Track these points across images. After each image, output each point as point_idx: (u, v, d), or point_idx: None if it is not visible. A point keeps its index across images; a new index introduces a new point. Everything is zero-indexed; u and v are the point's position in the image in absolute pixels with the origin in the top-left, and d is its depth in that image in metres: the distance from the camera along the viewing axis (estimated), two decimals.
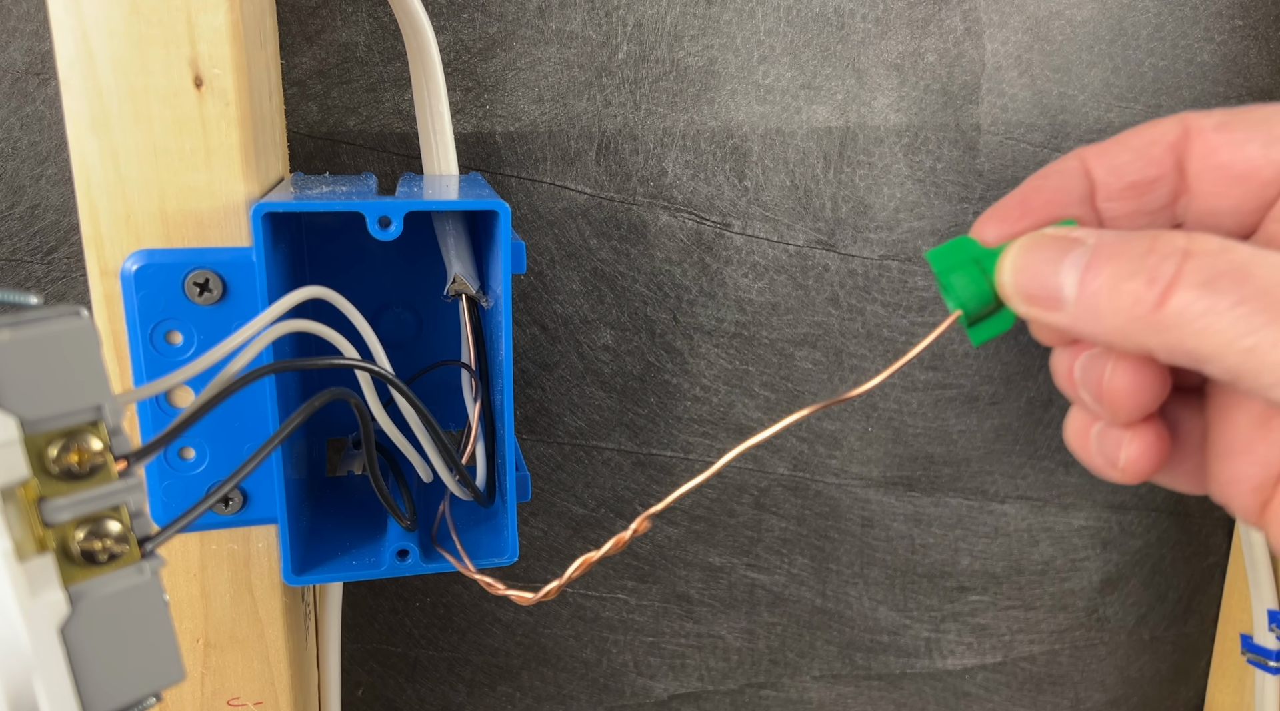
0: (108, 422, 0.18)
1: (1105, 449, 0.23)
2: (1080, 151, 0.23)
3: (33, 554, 0.18)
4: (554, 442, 0.49)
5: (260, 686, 0.35)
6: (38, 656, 0.17)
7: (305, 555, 0.33)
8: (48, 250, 0.41)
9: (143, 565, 0.19)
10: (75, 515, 0.18)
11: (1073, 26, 0.49)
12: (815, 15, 0.46)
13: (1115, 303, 0.19)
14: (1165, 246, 0.18)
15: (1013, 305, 0.22)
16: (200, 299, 0.30)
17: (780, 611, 0.55)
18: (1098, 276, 0.19)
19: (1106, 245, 0.19)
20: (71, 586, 0.18)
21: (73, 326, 0.18)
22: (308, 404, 0.24)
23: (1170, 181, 0.22)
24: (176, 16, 0.28)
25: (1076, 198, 0.22)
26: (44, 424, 0.18)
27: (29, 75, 0.39)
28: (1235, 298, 0.17)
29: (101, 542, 0.18)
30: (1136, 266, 0.18)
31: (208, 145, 0.29)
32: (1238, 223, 0.22)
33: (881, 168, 0.48)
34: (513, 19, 0.43)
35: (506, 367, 0.32)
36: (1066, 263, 0.20)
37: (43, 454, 0.18)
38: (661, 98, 0.45)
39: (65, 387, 0.18)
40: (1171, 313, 0.18)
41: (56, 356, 0.18)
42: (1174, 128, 0.22)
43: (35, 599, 0.17)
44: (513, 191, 0.45)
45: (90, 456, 0.18)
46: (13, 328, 0.17)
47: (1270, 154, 0.21)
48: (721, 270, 0.48)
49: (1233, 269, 0.17)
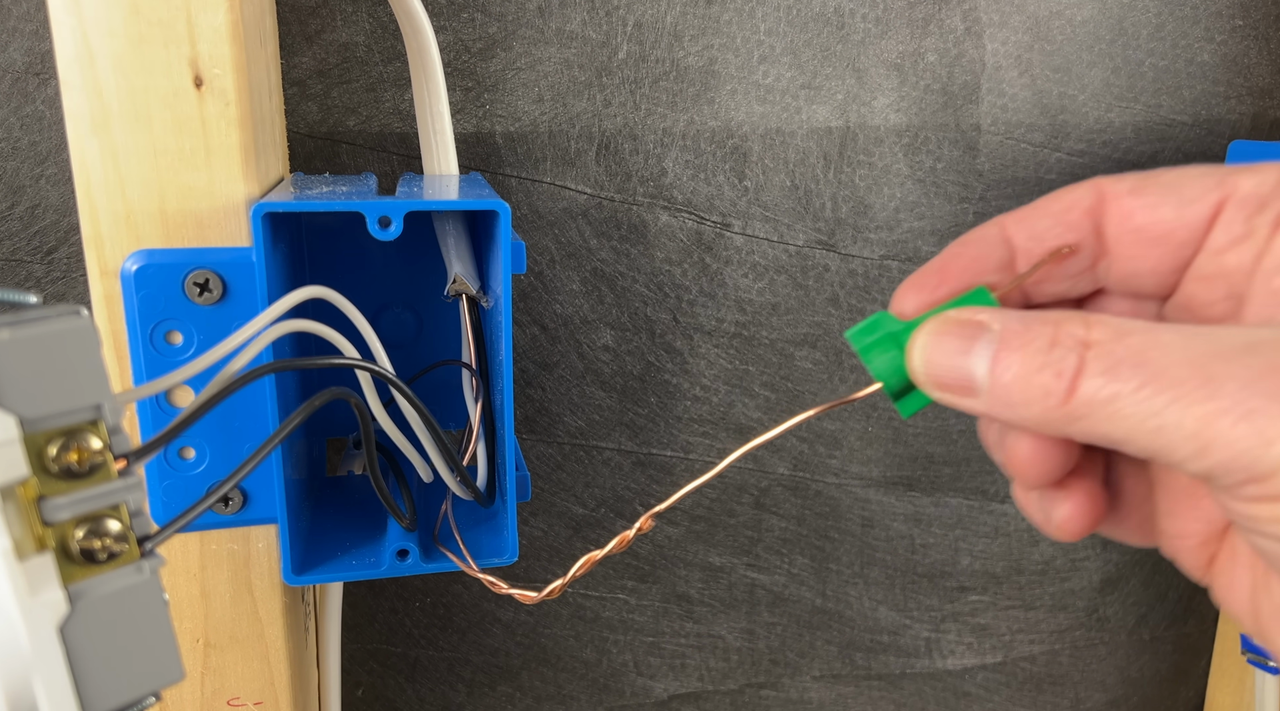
0: (107, 422, 0.18)
1: (1043, 506, 0.24)
2: (1000, 219, 0.23)
3: (32, 553, 0.18)
4: (554, 442, 0.49)
5: (260, 686, 0.35)
6: (37, 655, 0.17)
7: (305, 555, 0.33)
8: (48, 250, 0.41)
9: (142, 564, 0.19)
10: (75, 514, 0.18)
11: (1073, 26, 0.49)
12: (815, 15, 0.46)
13: (1027, 395, 0.19)
14: (1067, 337, 0.19)
15: (926, 391, 0.22)
16: (200, 299, 0.30)
17: (780, 611, 0.55)
18: (1007, 369, 0.19)
19: (1012, 333, 0.20)
20: (71, 585, 0.18)
21: (72, 325, 0.18)
22: (307, 404, 0.24)
23: (1090, 245, 0.22)
24: (176, 16, 0.28)
25: (995, 265, 0.23)
26: (44, 423, 0.18)
27: (29, 75, 0.39)
28: (1137, 382, 0.18)
29: (101, 541, 0.18)
30: (1042, 359, 0.19)
31: (208, 145, 0.29)
32: (1157, 283, 0.22)
33: (882, 168, 0.48)
34: (513, 19, 0.43)
35: (506, 367, 0.32)
36: (975, 351, 0.20)
37: (42, 453, 0.18)
38: (661, 97, 0.45)
39: (65, 386, 0.18)
40: (1080, 402, 0.18)
41: (56, 355, 0.18)
42: (1089, 193, 0.22)
43: (34, 598, 0.17)
44: (513, 191, 0.45)
45: (90, 455, 0.18)
46: (12, 327, 0.17)
47: (1183, 216, 0.21)
48: (721, 270, 0.48)
49: (1132, 353, 0.18)
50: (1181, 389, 0.17)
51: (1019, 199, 0.50)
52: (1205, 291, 0.21)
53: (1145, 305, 0.23)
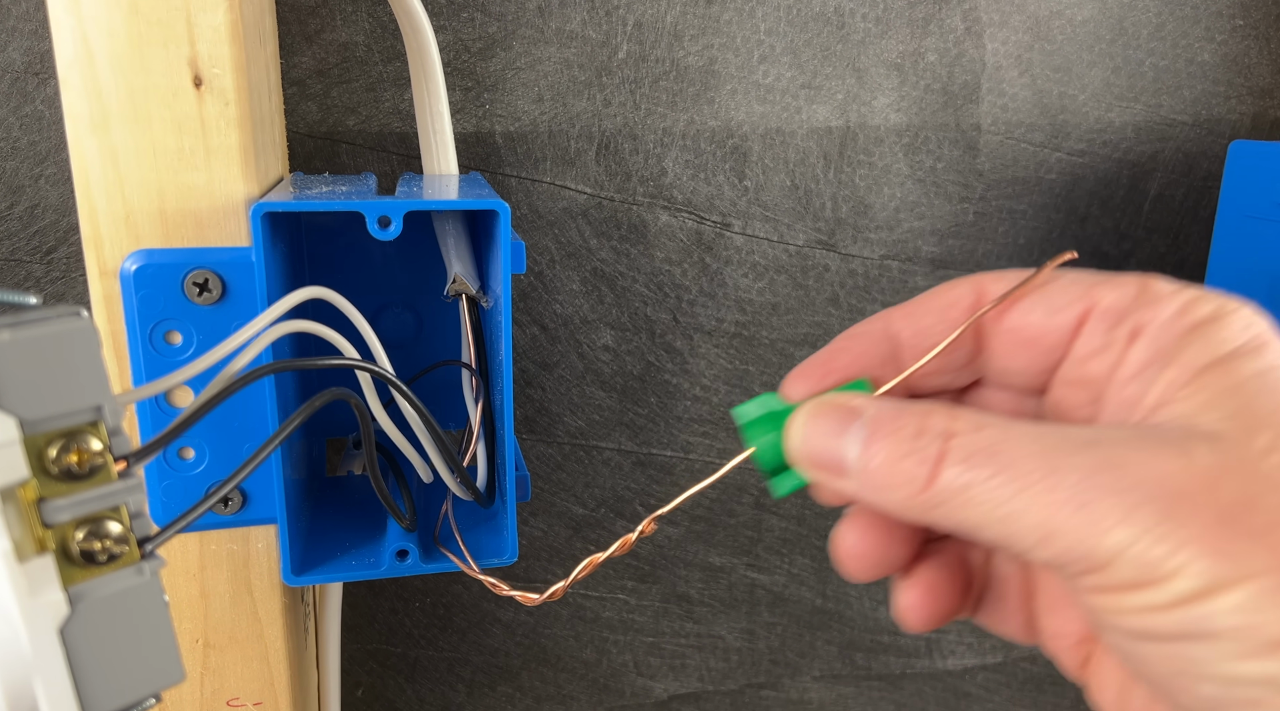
0: (107, 423, 0.18)
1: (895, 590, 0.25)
2: (886, 313, 0.24)
3: (32, 554, 0.17)
4: (554, 442, 0.49)
5: (260, 687, 0.35)
6: (37, 657, 0.17)
7: (305, 555, 0.33)
8: (47, 250, 0.41)
9: (142, 566, 0.19)
10: (75, 516, 0.18)
11: (1073, 26, 0.49)
12: (815, 15, 0.46)
13: (893, 480, 0.20)
14: (932, 426, 0.20)
15: (800, 469, 0.23)
16: (199, 299, 0.30)
17: (780, 611, 0.55)
18: (876, 454, 0.20)
19: (883, 420, 0.21)
20: (71, 587, 0.18)
21: (73, 327, 0.18)
22: (308, 404, 0.24)
23: (969, 342, 0.24)
24: (176, 16, 0.28)
25: (879, 359, 0.24)
26: (44, 424, 0.18)
27: (28, 75, 0.39)
28: (989, 471, 0.19)
29: (101, 543, 0.18)
30: (908, 446, 0.20)
31: (207, 145, 0.29)
32: (1029, 381, 0.23)
33: (882, 167, 0.48)
34: (512, 18, 0.43)
35: (506, 368, 0.32)
36: (848, 435, 0.21)
37: (42, 454, 0.18)
38: (661, 97, 0.45)
39: (65, 388, 0.18)
40: (940, 489, 0.19)
41: (56, 357, 0.18)
42: (969, 292, 0.23)
43: (35, 599, 0.17)
44: (513, 191, 0.45)
45: (90, 457, 0.18)
46: (13, 328, 0.17)
47: (1052, 322, 0.22)
48: (722, 270, 0.48)
49: (988, 444, 0.19)
50: (1028, 479, 0.18)
51: (1019, 198, 0.50)
52: (1071, 395, 0.22)
53: (1023, 399, 0.24)
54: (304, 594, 0.39)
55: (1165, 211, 0.53)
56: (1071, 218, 0.51)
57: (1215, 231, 0.48)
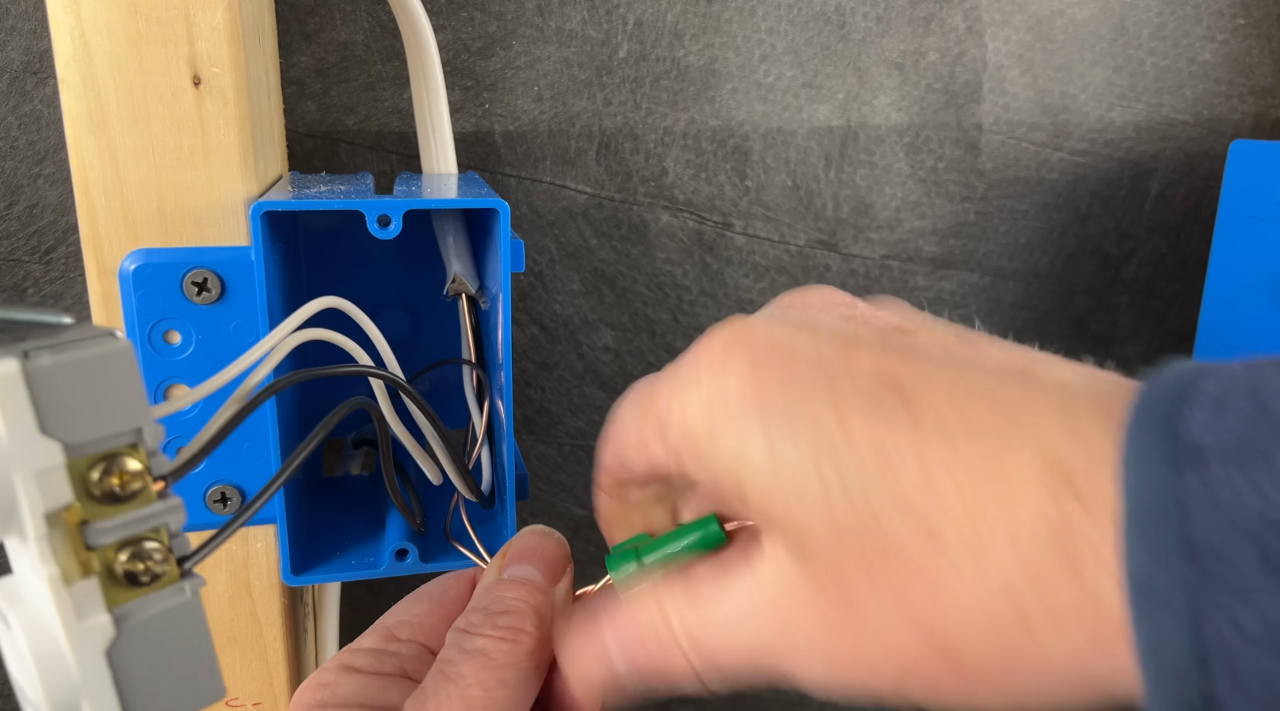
0: (146, 445, 0.18)
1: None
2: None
3: (78, 578, 0.17)
4: (554, 443, 0.49)
5: (259, 686, 0.35)
6: (85, 680, 0.17)
7: (304, 555, 0.33)
8: (46, 249, 0.41)
9: (184, 585, 0.19)
10: (119, 538, 0.18)
11: (1074, 25, 0.49)
12: (816, 14, 0.46)
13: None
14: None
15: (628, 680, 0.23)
16: (199, 298, 0.30)
17: None
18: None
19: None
20: (115, 609, 0.18)
21: (111, 349, 0.17)
22: (333, 413, 0.24)
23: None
24: (174, 15, 0.28)
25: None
26: (85, 448, 0.17)
27: (27, 74, 0.39)
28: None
29: (144, 564, 0.18)
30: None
31: (206, 144, 0.29)
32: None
33: (883, 167, 0.48)
34: (512, 17, 0.43)
35: (506, 368, 0.32)
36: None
37: (85, 477, 0.17)
38: (662, 97, 0.45)
39: (106, 410, 0.17)
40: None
41: (96, 379, 0.17)
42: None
43: (82, 623, 0.17)
44: (512, 191, 0.45)
45: (130, 478, 0.18)
46: (53, 351, 0.17)
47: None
48: (722, 270, 0.48)
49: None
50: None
51: (1021, 198, 0.50)
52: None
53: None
54: (303, 594, 0.39)
55: (1166, 211, 0.53)
56: (1073, 217, 0.51)
57: (1216, 231, 0.48)
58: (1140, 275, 0.53)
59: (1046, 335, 0.53)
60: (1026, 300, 0.52)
